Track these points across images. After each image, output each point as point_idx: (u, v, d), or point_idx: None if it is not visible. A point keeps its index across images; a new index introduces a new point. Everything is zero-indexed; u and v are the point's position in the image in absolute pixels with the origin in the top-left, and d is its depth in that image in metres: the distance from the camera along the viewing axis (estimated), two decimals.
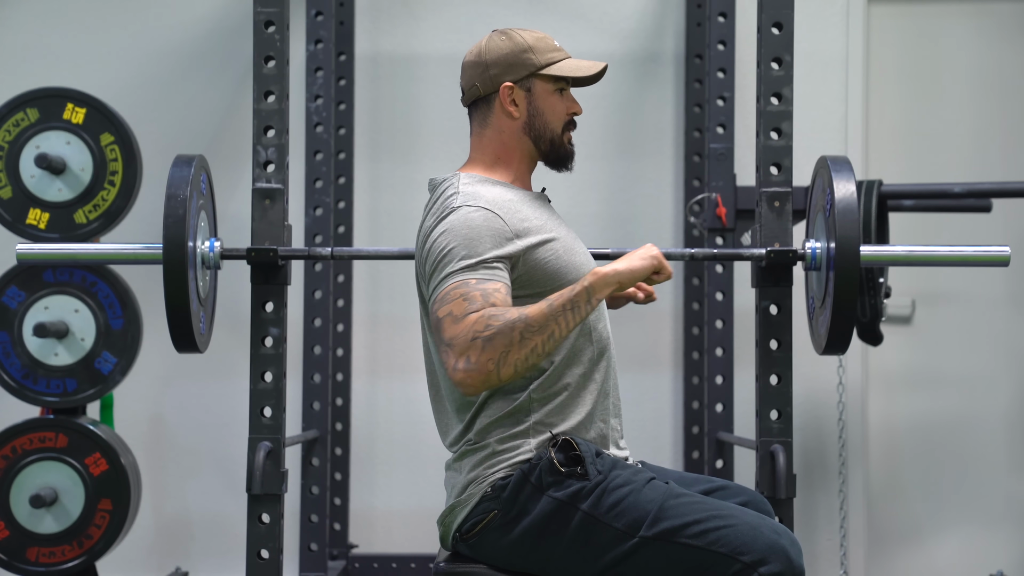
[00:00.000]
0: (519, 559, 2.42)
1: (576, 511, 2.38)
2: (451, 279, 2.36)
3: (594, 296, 2.36)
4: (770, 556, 2.30)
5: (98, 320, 3.78)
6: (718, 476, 4.16)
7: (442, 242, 2.42)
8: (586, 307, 2.36)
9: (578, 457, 2.40)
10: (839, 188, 2.86)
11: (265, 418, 3.07)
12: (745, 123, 4.19)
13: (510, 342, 2.30)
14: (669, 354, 4.46)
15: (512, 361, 2.30)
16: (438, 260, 2.41)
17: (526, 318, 2.31)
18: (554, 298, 2.35)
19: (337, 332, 4.35)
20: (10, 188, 3.76)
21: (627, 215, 4.46)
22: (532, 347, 2.31)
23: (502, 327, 2.29)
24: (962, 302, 4.51)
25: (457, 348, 2.30)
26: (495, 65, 2.57)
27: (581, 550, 2.38)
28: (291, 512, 4.11)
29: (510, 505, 2.41)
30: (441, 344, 2.34)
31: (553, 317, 2.33)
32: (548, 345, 2.32)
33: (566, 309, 2.34)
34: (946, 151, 4.52)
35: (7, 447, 3.74)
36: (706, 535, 2.32)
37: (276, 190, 3.08)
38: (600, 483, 2.39)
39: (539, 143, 2.59)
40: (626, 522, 2.36)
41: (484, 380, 2.31)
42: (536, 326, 2.31)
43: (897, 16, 4.55)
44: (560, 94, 2.58)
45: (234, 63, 4.49)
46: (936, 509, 4.50)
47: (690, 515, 2.34)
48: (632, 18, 4.51)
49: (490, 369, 2.29)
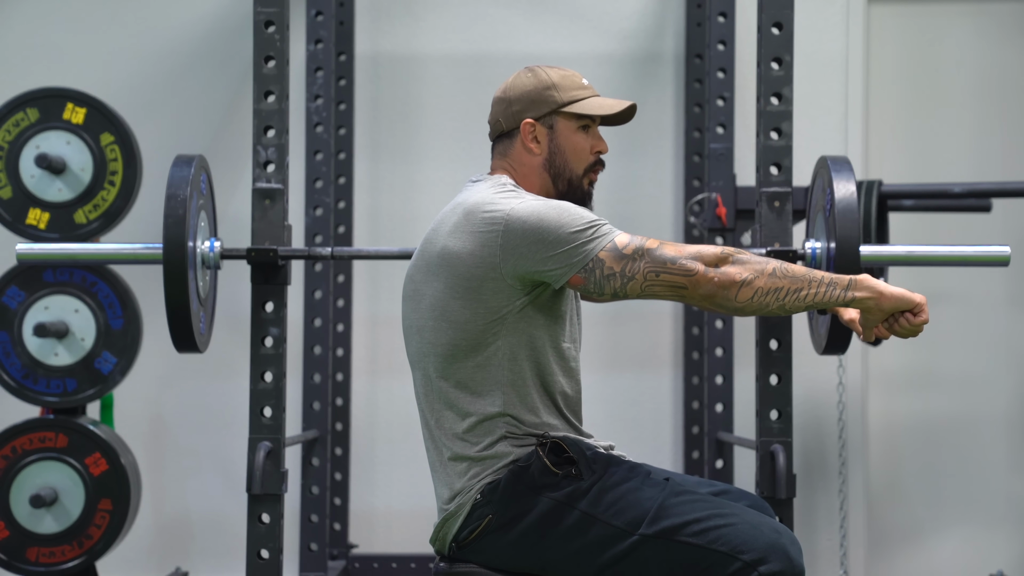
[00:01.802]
0: (519, 560, 2.42)
1: (574, 511, 2.37)
2: (606, 238, 2.38)
3: (854, 289, 2.39)
4: (770, 555, 2.29)
5: (98, 320, 3.78)
6: (718, 476, 4.16)
7: (549, 215, 2.38)
8: (841, 293, 2.39)
9: (571, 458, 2.40)
10: (839, 188, 2.86)
11: (265, 418, 3.07)
12: (745, 123, 4.19)
13: (762, 271, 2.34)
14: (669, 354, 4.46)
15: (756, 286, 2.34)
16: (557, 229, 2.37)
17: (783, 265, 2.36)
18: (815, 272, 2.38)
19: (337, 332, 4.35)
20: (10, 188, 3.76)
21: (627, 215, 4.46)
22: (777, 288, 2.35)
23: (752, 258, 2.35)
24: (962, 302, 4.51)
25: (707, 258, 2.34)
26: (518, 101, 2.54)
27: (580, 549, 2.37)
28: (291, 512, 4.11)
29: (504, 507, 2.41)
30: (675, 262, 2.35)
31: (810, 278, 2.37)
32: (790, 299, 2.36)
33: (823, 281, 2.38)
34: (946, 151, 4.53)
35: (7, 447, 3.74)
36: (707, 533, 2.31)
37: (276, 190, 3.08)
38: (597, 482, 2.39)
39: (557, 181, 2.54)
40: (626, 520, 2.35)
41: (728, 288, 2.34)
42: (791, 275, 2.36)
43: (897, 16, 4.55)
44: (585, 131, 2.54)
45: (234, 63, 4.49)
46: (936, 509, 4.50)
47: (691, 513, 2.33)
48: (632, 18, 4.52)
49: (736, 280, 2.34)
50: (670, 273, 2.36)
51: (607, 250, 2.39)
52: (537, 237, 2.37)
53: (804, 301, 2.38)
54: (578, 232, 2.38)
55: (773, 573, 2.28)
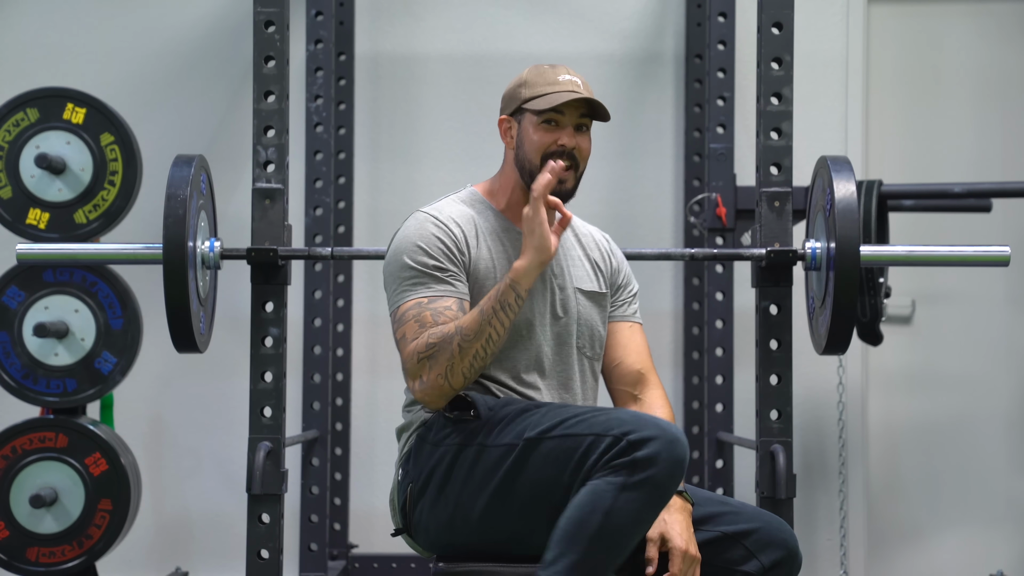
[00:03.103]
0: (445, 525, 2.49)
1: (472, 446, 2.46)
2: (406, 297, 2.52)
3: (520, 288, 2.46)
4: (641, 426, 2.31)
5: (98, 320, 3.78)
6: (718, 476, 4.16)
7: (396, 255, 2.57)
8: (517, 302, 2.47)
9: (468, 403, 2.49)
10: (839, 188, 2.86)
11: (265, 418, 3.07)
12: (745, 123, 4.19)
13: (451, 355, 2.44)
14: (669, 354, 4.46)
15: (459, 371, 2.45)
16: (393, 274, 2.56)
17: (462, 329, 2.45)
18: (484, 302, 2.46)
19: (337, 332, 4.35)
20: (10, 188, 3.76)
21: (627, 215, 4.46)
22: (473, 353, 2.45)
23: (441, 343, 2.45)
24: (962, 302, 4.51)
25: (410, 371, 2.49)
26: (502, 100, 2.67)
27: (482, 476, 2.44)
28: (291, 512, 4.10)
29: (418, 471, 2.52)
30: (403, 367, 2.52)
31: (487, 320, 2.45)
32: (489, 347, 2.45)
33: (496, 310, 2.45)
34: (946, 151, 4.52)
35: (7, 447, 3.74)
36: (583, 423, 2.36)
37: (276, 190, 3.08)
38: (491, 417, 2.47)
39: (523, 174, 2.62)
40: (513, 435, 2.42)
41: (440, 393, 2.47)
42: (472, 334, 2.44)
43: (897, 16, 4.55)
44: (549, 126, 2.58)
45: (234, 63, 4.49)
46: (936, 509, 4.50)
47: (567, 414, 2.40)
48: (632, 18, 4.51)
49: (440, 383, 2.46)
50: None
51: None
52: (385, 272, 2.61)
53: (500, 336, 2.46)
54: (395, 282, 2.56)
55: (643, 439, 2.29)
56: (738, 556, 2.47)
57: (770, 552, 2.46)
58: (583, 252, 2.73)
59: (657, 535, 2.44)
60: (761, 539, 2.47)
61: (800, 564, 2.49)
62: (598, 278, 2.71)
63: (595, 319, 2.67)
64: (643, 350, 2.73)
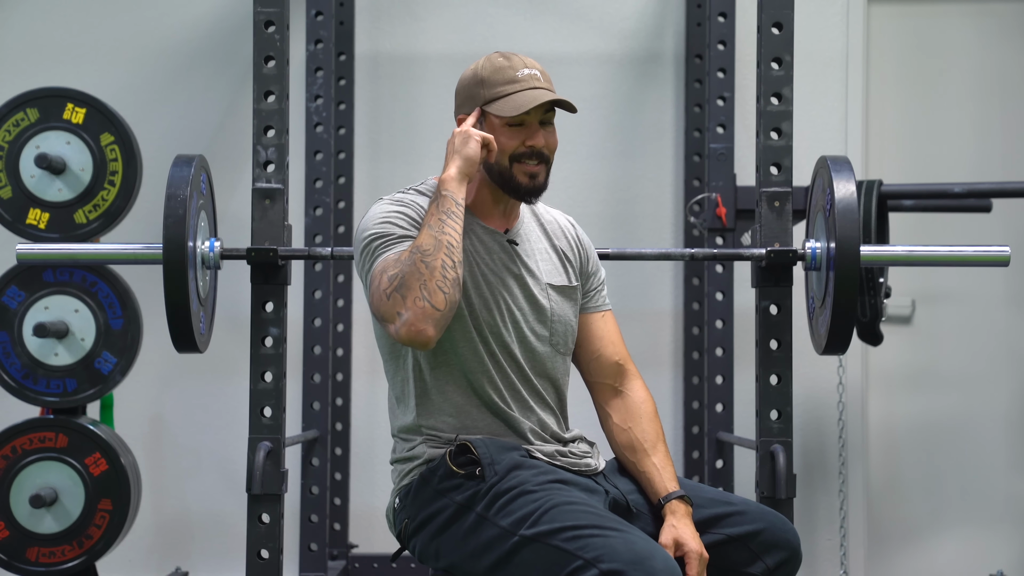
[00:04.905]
0: (436, 559, 2.48)
1: (472, 513, 2.41)
2: (373, 265, 2.44)
3: (455, 195, 2.42)
4: (632, 570, 2.21)
5: (98, 320, 3.78)
6: (718, 476, 4.16)
7: (361, 235, 2.50)
8: (457, 208, 2.41)
9: (475, 460, 2.44)
10: (839, 188, 2.86)
11: (265, 418, 3.07)
12: (745, 123, 4.19)
13: (419, 274, 2.35)
14: (669, 354, 4.46)
15: (435, 287, 2.34)
16: (360, 253, 2.50)
17: (418, 248, 2.37)
18: (428, 218, 2.41)
19: (337, 332, 4.35)
20: (10, 188, 3.76)
21: (627, 215, 4.46)
22: (441, 264, 2.35)
23: (403, 270, 2.36)
24: (962, 302, 4.51)
25: (386, 315, 2.37)
26: (458, 95, 2.59)
27: (474, 550, 2.40)
28: (291, 512, 4.11)
29: (416, 511, 2.49)
30: (381, 322, 2.41)
31: (439, 230, 2.38)
32: (453, 254, 2.37)
33: (444, 220, 2.40)
34: (946, 151, 4.52)
35: (7, 447, 3.74)
36: (578, 540, 2.27)
37: (276, 190, 3.08)
38: (495, 484, 2.41)
39: (491, 174, 2.54)
40: (510, 521, 2.36)
41: (426, 316, 2.34)
42: (430, 247, 2.36)
43: (897, 16, 4.55)
44: (515, 128, 2.50)
45: (234, 63, 4.49)
46: (936, 509, 4.50)
47: (570, 520, 2.31)
48: (632, 18, 4.51)
49: (423, 305, 2.34)
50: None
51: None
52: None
53: (457, 239, 2.39)
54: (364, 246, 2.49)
55: (612, 571, 2.21)
56: (744, 559, 2.46)
57: (775, 553, 2.46)
58: (549, 244, 2.63)
59: (671, 541, 2.43)
60: (766, 541, 2.46)
61: (800, 561, 2.49)
62: (567, 270, 2.63)
63: (568, 314, 2.60)
64: (618, 339, 2.66)
